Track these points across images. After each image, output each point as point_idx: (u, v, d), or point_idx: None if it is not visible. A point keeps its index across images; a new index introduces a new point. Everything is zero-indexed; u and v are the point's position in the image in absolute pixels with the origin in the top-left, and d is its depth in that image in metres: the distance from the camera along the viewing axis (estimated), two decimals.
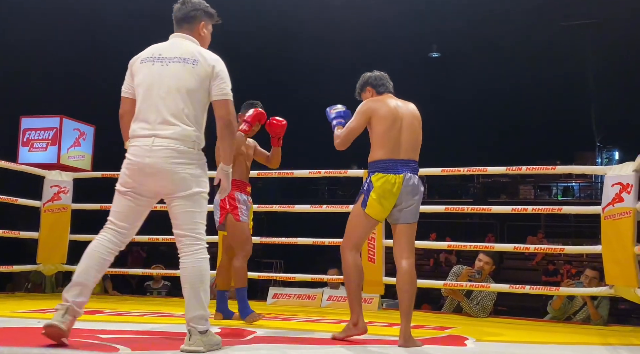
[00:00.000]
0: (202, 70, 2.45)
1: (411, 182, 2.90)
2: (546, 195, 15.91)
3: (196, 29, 2.56)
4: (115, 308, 4.16)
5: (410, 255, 2.92)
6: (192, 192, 2.42)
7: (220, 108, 2.47)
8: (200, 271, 2.41)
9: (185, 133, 2.41)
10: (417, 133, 3.01)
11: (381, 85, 3.08)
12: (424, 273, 11.15)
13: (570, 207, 8.68)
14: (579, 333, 3.69)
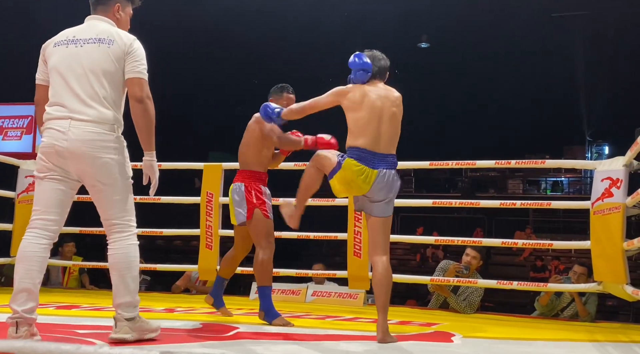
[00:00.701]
0: (118, 49, 2.42)
1: (386, 178, 2.88)
2: (535, 189, 16.06)
3: (111, 10, 2.54)
4: (93, 303, 4.13)
5: (385, 250, 2.93)
6: (114, 178, 2.40)
7: (133, 85, 2.42)
8: (127, 258, 2.43)
9: (103, 116, 2.38)
10: (397, 126, 2.98)
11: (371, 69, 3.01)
12: (410, 268, 11.21)
13: (559, 202, 8.78)
14: (567, 330, 3.74)
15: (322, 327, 3.36)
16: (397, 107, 2.97)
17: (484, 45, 12.59)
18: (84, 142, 2.34)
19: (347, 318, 3.84)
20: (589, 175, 14.52)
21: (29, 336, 2.32)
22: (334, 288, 4.91)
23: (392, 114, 2.93)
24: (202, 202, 4.92)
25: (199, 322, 3.30)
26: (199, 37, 11.91)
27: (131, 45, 2.44)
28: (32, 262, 2.39)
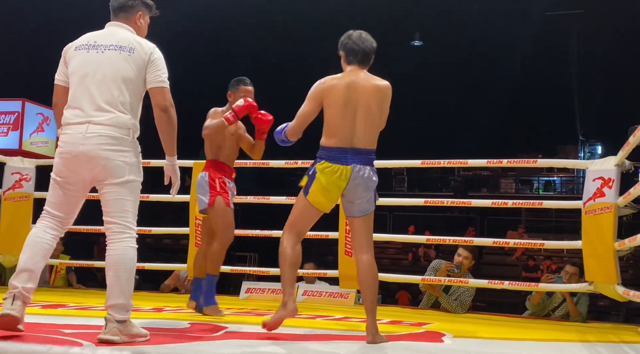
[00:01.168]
0: (139, 58, 2.50)
1: (361, 174, 2.76)
2: (527, 189, 16.14)
3: (133, 18, 2.62)
4: (80, 302, 4.11)
5: (369, 248, 2.85)
6: (125, 180, 2.45)
7: (156, 95, 2.52)
8: (125, 260, 2.46)
9: (120, 120, 2.45)
10: (376, 119, 2.80)
11: (352, 51, 2.85)
12: (402, 267, 11.25)
13: (551, 202, 8.85)
14: (558, 330, 3.76)
15: (313, 327, 3.36)
16: (378, 99, 2.80)
17: (478, 44, 12.64)
18: (100, 144, 2.41)
19: (338, 317, 3.84)
20: (582, 175, 14.61)
21: (23, 310, 2.38)
22: (325, 288, 4.92)
23: (369, 107, 2.77)
24: (191, 200, 4.91)
25: (187, 322, 3.29)
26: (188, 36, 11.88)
27: (152, 54, 2.52)
28: (38, 248, 2.46)
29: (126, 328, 2.43)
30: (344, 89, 2.77)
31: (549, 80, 13.58)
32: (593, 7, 11.20)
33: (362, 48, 2.85)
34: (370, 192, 2.81)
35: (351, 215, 2.85)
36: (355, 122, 2.76)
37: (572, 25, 12.03)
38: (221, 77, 3.80)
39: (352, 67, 2.85)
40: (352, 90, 2.77)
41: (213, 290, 3.55)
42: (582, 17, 11.69)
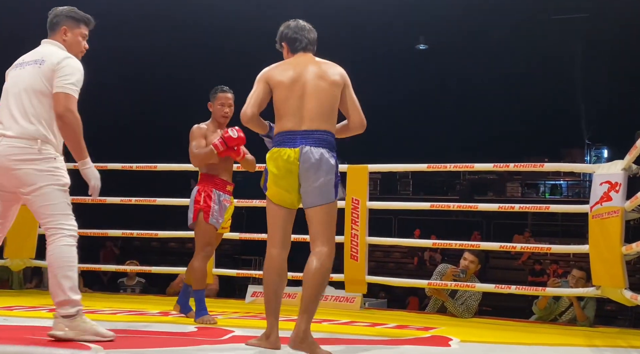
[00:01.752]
0: (48, 69, 2.60)
1: (310, 156, 2.50)
2: (533, 193, 16.10)
3: (58, 34, 2.73)
4: (87, 306, 4.10)
5: (323, 242, 2.53)
6: (37, 187, 2.54)
7: (56, 101, 2.58)
8: (57, 258, 2.53)
9: (27, 132, 2.56)
10: (328, 98, 2.59)
11: (295, 39, 2.70)
12: (408, 271, 11.24)
13: (558, 206, 8.79)
14: (565, 334, 3.75)
15: (319, 331, 3.36)
16: (328, 78, 2.61)
17: (482, 47, 12.63)
18: (6, 155, 2.54)
19: (344, 321, 3.84)
20: (588, 179, 14.56)
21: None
22: (330, 292, 4.91)
23: (318, 87, 2.58)
24: None
25: (194, 326, 3.29)
26: (195, 41, 11.92)
27: (59, 63, 2.61)
28: None
29: (73, 322, 2.49)
30: (291, 71, 2.62)
31: (555, 83, 13.55)
32: (598, 11, 11.18)
33: (303, 35, 2.71)
34: (324, 177, 2.53)
35: (306, 206, 2.57)
36: (304, 103, 2.57)
37: (577, 28, 12.00)
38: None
39: (297, 54, 2.71)
40: (299, 72, 2.61)
41: (202, 302, 3.48)
42: (587, 20, 11.67)
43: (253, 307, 4.44)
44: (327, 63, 2.68)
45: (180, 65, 12.62)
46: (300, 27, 2.73)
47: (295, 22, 2.75)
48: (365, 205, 4.64)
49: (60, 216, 2.57)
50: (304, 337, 2.45)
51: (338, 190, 2.59)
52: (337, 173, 2.59)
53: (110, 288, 7.07)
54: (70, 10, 2.78)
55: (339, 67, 2.68)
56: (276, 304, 2.60)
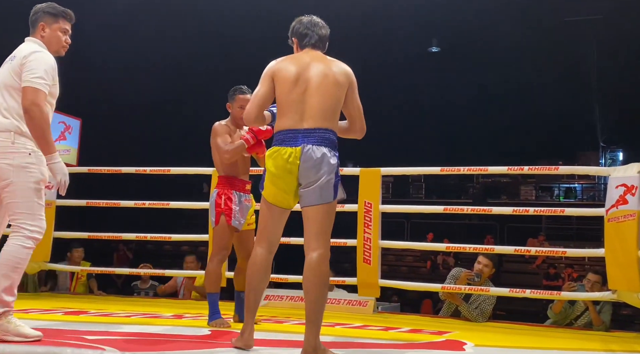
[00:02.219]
0: (17, 63, 2.65)
1: (311, 155, 2.46)
2: (548, 196, 15.98)
3: (37, 31, 2.77)
4: (101, 309, 4.15)
5: (318, 245, 2.46)
6: (9, 182, 2.57)
7: (23, 95, 2.60)
8: (7, 256, 2.53)
9: (2, 124, 2.59)
10: (331, 96, 2.53)
11: (305, 35, 2.66)
12: (420, 275, 11.18)
13: (573, 209, 8.72)
14: (580, 339, 3.71)
15: (332, 334, 3.36)
16: (333, 76, 2.56)
17: (496, 50, 12.57)
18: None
19: (357, 325, 3.83)
20: (603, 182, 14.43)
21: None
22: (343, 295, 4.91)
23: (322, 85, 2.53)
24: (210, 208, 4.93)
25: (208, 329, 3.30)
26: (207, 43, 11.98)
27: (25, 57, 2.64)
28: None
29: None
30: (295, 67, 2.57)
31: (569, 86, 13.45)
32: (612, 13, 11.09)
33: (314, 31, 2.67)
34: (324, 176, 2.47)
35: (304, 204, 2.51)
36: (306, 100, 2.52)
37: (591, 30, 11.91)
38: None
39: (305, 50, 2.67)
40: (303, 68, 2.56)
41: (215, 306, 3.46)
42: (601, 22, 11.57)
43: (266, 310, 4.44)
44: (334, 61, 2.63)
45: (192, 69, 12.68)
46: (313, 23, 2.69)
47: (308, 18, 2.71)
48: (378, 208, 4.63)
49: (24, 216, 2.58)
50: (315, 350, 2.42)
51: (337, 190, 2.54)
52: (338, 173, 2.54)
53: (124, 291, 7.10)
54: (48, 5, 2.81)
55: (346, 67, 2.63)
56: (254, 302, 2.59)
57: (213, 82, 12.97)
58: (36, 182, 2.61)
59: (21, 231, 2.57)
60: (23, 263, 2.57)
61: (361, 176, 4.72)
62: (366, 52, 11.58)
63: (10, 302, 2.53)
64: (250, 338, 2.55)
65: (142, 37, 11.48)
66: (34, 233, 2.58)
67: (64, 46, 2.82)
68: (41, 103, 2.60)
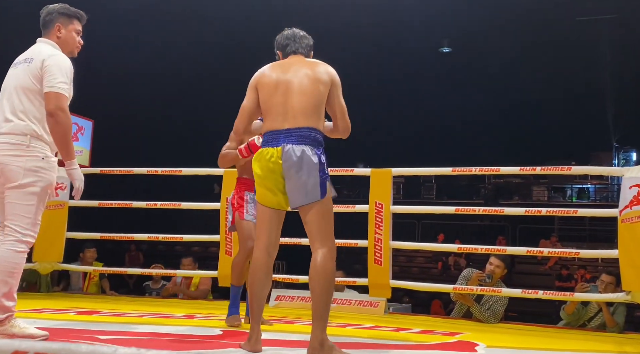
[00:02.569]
0: (35, 67, 2.64)
1: (291, 154, 2.47)
2: (560, 196, 15.86)
3: (52, 32, 2.78)
4: (113, 309, 4.17)
5: (321, 243, 2.47)
6: (18, 184, 2.58)
7: (47, 100, 2.61)
8: (5, 262, 2.52)
9: (17, 128, 2.60)
10: (312, 95, 2.54)
11: (286, 45, 2.73)
12: (432, 276, 11.14)
13: (586, 210, 8.66)
14: (594, 340, 3.68)
15: (343, 335, 3.35)
16: (314, 77, 2.57)
17: (507, 50, 12.50)
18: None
19: (368, 326, 3.82)
20: (616, 182, 14.30)
21: None
22: (354, 296, 4.90)
23: (302, 84, 2.55)
24: (221, 208, 4.95)
25: (219, 329, 3.31)
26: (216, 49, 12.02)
27: (44, 61, 2.64)
28: None
29: (1, 327, 2.49)
30: (276, 72, 2.63)
31: (581, 86, 13.35)
32: (625, 12, 10.99)
33: (295, 40, 2.73)
34: (306, 175, 2.47)
35: (293, 205, 2.53)
36: (287, 101, 2.55)
37: (604, 30, 11.82)
38: None
39: (289, 57, 2.73)
40: (283, 71, 2.62)
41: (235, 300, 3.52)
42: (614, 22, 11.48)
43: (277, 311, 4.45)
44: (315, 62, 2.66)
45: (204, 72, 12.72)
46: (294, 34, 2.75)
47: (289, 31, 2.78)
48: (389, 209, 4.62)
49: (21, 219, 2.57)
50: (322, 345, 2.42)
51: (325, 188, 2.51)
52: (324, 170, 2.52)
53: (136, 291, 7.13)
54: (63, 7, 2.83)
55: (328, 67, 2.65)
56: (258, 308, 2.61)
57: (222, 86, 13.04)
58: (43, 188, 2.62)
59: (14, 235, 2.56)
60: (19, 268, 2.56)
61: (372, 177, 4.71)
62: (377, 53, 11.57)
63: (11, 307, 2.54)
64: (258, 343, 2.56)
65: (153, 42, 11.55)
66: (27, 237, 2.58)
67: (77, 47, 2.85)
68: (66, 108, 2.64)
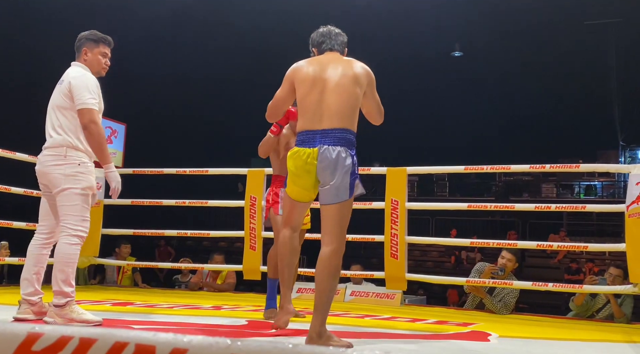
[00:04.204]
0: (64, 87, 2.88)
1: (327, 155, 2.42)
2: (568, 193, 15.64)
3: (81, 56, 3.00)
4: (146, 300, 4.22)
5: (332, 240, 2.44)
6: (62, 189, 2.82)
7: (80, 115, 2.83)
8: (58, 253, 2.79)
9: (56, 141, 2.85)
10: (349, 96, 2.48)
11: (322, 42, 2.66)
12: (445, 270, 11.08)
13: (595, 205, 8.54)
14: (603, 331, 3.63)
15: (361, 325, 3.35)
16: (352, 76, 2.51)
17: (517, 53, 12.38)
18: (42, 162, 2.89)
19: (385, 317, 3.82)
20: (623, 179, 14.07)
21: (30, 312, 2.85)
22: (372, 289, 4.90)
23: (340, 84, 2.48)
24: (246, 205, 4.97)
25: (244, 319, 3.33)
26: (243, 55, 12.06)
27: (70, 82, 2.86)
28: (29, 258, 2.93)
29: (62, 311, 2.74)
30: (313, 68, 2.55)
31: (589, 86, 13.17)
32: (631, 15, 10.83)
33: (331, 38, 2.67)
34: (341, 176, 2.43)
35: (322, 202, 2.49)
36: (324, 100, 2.48)
37: (610, 33, 11.65)
38: None
39: (325, 54, 2.66)
40: (321, 69, 2.54)
41: (272, 292, 3.44)
42: (620, 25, 11.31)
43: (298, 303, 4.45)
44: (352, 61, 2.58)
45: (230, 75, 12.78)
46: (329, 31, 2.69)
47: (324, 28, 2.72)
48: (404, 205, 4.61)
49: (70, 217, 2.80)
50: (319, 335, 2.41)
51: (354, 189, 2.48)
52: (355, 171, 2.49)
53: (166, 284, 7.21)
54: (90, 33, 3.03)
55: (364, 65, 2.58)
56: (289, 275, 2.69)
57: (247, 90, 13.10)
58: (83, 189, 2.84)
59: (67, 231, 2.80)
60: (73, 258, 2.80)
61: (388, 175, 4.70)
62: (390, 56, 11.52)
63: (70, 292, 2.76)
64: (290, 306, 2.69)
65: (181, 49, 11.64)
66: (78, 232, 2.81)
67: (104, 68, 3.04)
68: (97, 120, 2.85)
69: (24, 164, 4.52)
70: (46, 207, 2.97)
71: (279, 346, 0.81)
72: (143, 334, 0.76)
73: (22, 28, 9.97)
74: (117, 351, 0.79)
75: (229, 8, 10.62)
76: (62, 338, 0.79)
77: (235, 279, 5.74)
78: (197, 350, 0.78)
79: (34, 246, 2.96)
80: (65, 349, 0.81)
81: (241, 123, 13.96)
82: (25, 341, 0.81)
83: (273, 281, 3.44)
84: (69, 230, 2.80)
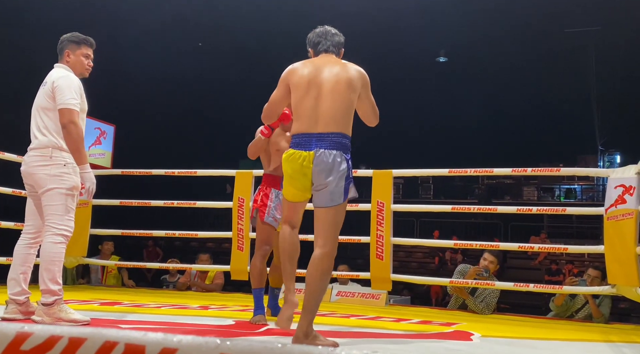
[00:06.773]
0: (48, 88, 2.88)
1: (323, 159, 2.41)
2: (549, 196, 15.80)
3: (64, 57, 2.99)
4: (134, 300, 4.19)
5: (324, 243, 2.43)
6: (47, 189, 2.82)
7: (60, 115, 2.83)
8: (43, 252, 2.80)
9: (41, 142, 2.85)
10: (344, 100, 2.46)
11: (318, 43, 2.63)
12: (429, 271, 11.12)
13: (575, 208, 8.63)
14: (581, 330, 3.67)
15: (347, 325, 3.35)
16: (347, 80, 2.48)
17: (500, 60, 12.49)
18: (27, 163, 2.89)
19: (370, 317, 3.82)
20: (601, 183, 14.26)
21: (17, 312, 2.84)
22: (358, 289, 4.90)
23: (334, 90, 2.46)
24: (234, 207, 4.96)
25: (232, 319, 3.31)
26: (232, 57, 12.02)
27: (54, 82, 2.86)
28: (16, 258, 2.93)
29: (50, 310, 2.73)
30: (307, 70, 2.52)
31: (569, 93, 13.33)
32: (610, 24, 10.98)
33: (327, 38, 2.63)
34: (336, 180, 2.42)
35: (315, 205, 2.48)
36: (319, 104, 2.46)
37: (590, 40, 11.80)
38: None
39: (320, 56, 2.63)
40: (315, 72, 2.50)
41: (259, 301, 3.29)
42: (600, 33, 11.47)
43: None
44: (347, 64, 2.56)
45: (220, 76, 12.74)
46: (326, 32, 2.65)
47: (321, 28, 2.68)
48: (390, 207, 4.62)
49: (55, 217, 2.81)
50: (306, 335, 2.39)
51: (348, 193, 2.47)
52: (350, 175, 2.49)
53: (154, 284, 7.16)
54: (72, 35, 3.02)
55: (359, 68, 2.56)
56: (292, 268, 2.64)
57: (236, 93, 13.06)
58: (68, 189, 2.83)
59: (51, 230, 2.81)
60: (59, 256, 2.80)
61: (374, 177, 4.72)
62: (376, 61, 11.55)
63: (57, 290, 2.75)
64: (293, 298, 2.57)
65: (171, 50, 11.56)
66: (62, 231, 2.81)
67: (87, 69, 3.03)
68: (76, 121, 2.83)
69: (12, 164, 4.47)
70: (32, 207, 2.96)
71: (268, 345, 0.81)
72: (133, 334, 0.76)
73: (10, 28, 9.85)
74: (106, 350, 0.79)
75: (223, 11, 10.59)
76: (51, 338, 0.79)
77: (223, 279, 5.71)
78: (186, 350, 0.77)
79: (21, 246, 2.95)
80: (54, 348, 0.80)
81: (230, 124, 13.93)
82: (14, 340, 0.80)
83: (258, 290, 3.31)
84: (54, 229, 2.80)
